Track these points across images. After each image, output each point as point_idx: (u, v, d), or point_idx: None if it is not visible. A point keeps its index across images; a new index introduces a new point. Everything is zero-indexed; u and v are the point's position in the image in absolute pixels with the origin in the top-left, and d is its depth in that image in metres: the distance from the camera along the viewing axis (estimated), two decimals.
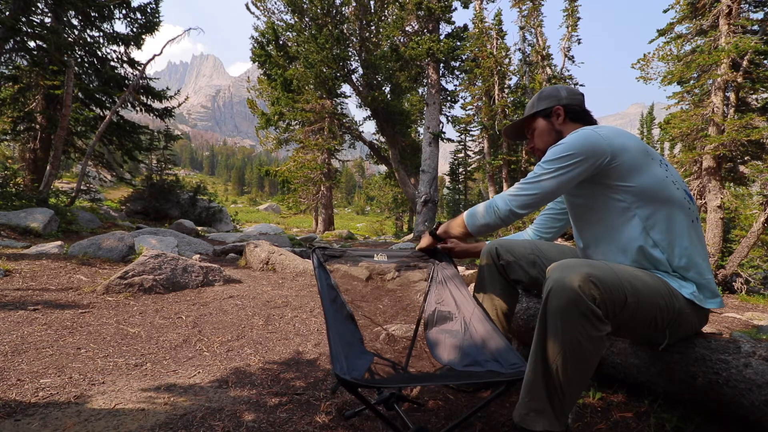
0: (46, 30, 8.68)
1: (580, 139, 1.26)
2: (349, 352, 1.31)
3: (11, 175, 7.27)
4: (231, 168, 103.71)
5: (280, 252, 4.93)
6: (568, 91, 1.53)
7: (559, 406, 1.09)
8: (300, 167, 17.76)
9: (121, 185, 12.67)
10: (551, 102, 1.50)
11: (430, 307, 1.72)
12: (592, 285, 1.06)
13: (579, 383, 1.10)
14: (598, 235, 1.38)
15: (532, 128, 1.55)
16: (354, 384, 1.04)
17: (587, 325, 1.06)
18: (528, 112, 1.56)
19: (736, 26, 8.34)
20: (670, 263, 1.25)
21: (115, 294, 3.00)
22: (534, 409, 1.11)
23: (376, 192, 36.16)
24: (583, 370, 1.09)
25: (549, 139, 1.50)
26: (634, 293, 1.12)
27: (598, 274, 1.08)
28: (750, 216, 7.11)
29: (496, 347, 1.35)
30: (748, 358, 1.19)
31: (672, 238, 1.24)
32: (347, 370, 1.15)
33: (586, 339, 1.06)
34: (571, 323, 1.06)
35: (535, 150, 1.56)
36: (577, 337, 1.06)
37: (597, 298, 1.06)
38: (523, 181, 1.34)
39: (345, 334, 1.39)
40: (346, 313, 1.52)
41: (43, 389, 1.53)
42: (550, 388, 1.09)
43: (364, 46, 15.52)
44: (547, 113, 1.51)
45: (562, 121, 1.49)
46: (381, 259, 1.70)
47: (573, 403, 1.13)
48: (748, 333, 2.92)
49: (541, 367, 1.10)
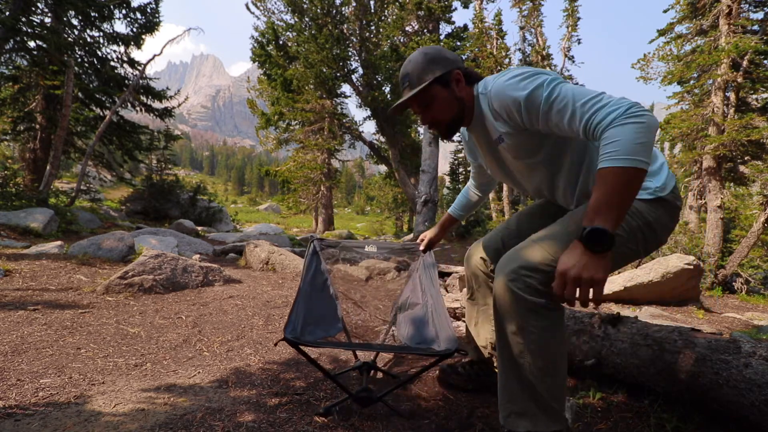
0: (46, 30, 8.69)
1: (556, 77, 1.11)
2: (314, 322, 1.63)
3: (11, 175, 7.26)
4: (231, 168, 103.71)
5: (280, 252, 4.92)
6: (449, 50, 1.37)
7: (544, 403, 1.08)
8: (300, 167, 17.76)
9: (121, 185, 12.68)
10: (447, 65, 1.26)
11: (406, 294, 1.96)
12: (526, 276, 1.06)
13: (555, 374, 1.09)
14: (566, 169, 1.29)
15: (427, 99, 1.27)
16: (295, 342, 1.24)
17: (536, 318, 1.06)
18: (419, 80, 1.25)
19: (736, 26, 8.34)
20: None
21: (115, 294, 3.00)
22: (514, 411, 1.11)
23: (376, 192, 36.14)
24: (552, 360, 1.08)
25: (451, 109, 1.29)
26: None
27: (530, 261, 1.07)
28: (750, 216, 7.11)
29: (443, 332, 1.50)
30: (748, 358, 1.19)
31: None
32: (299, 334, 1.40)
33: (541, 330, 1.06)
34: (521, 322, 1.07)
35: (433, 124, 1.31)
36: (532, 331, 1.06)
37: (538, 284, 1.05)
38: (596, 103, 1.01)
39: (315, 308, 1.70)
40: (327, 293, 1.83)
41: (43, 389, 1.53)
42: (526, 386, 1.08)
43: (364, 46, 15.51)
44: (445, 80, 1.26)
45: (463, 87, 1.28)
46: (371, 250, 1.95)
47: (560, 395, 1.10)
48: (748, 333, 2.92)
49: (510, 366, 1.11)
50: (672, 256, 3.98)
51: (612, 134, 0.96)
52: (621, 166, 0.93)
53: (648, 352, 1.44)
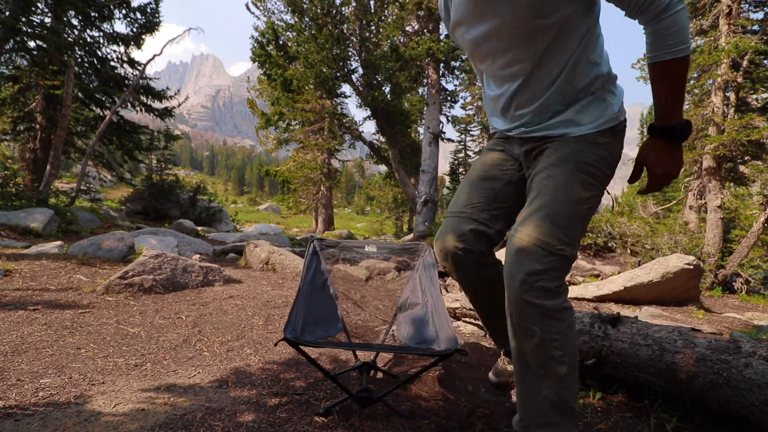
0: (46, 30, 8.69)
1: None
2: (314, 322, 1.62)
3: (11, 175, 7.26)
4: (231, 168, 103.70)
5: (280, 252, 4.93)
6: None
7: (567, 407, 1.03)
8: (300, 167, 17.76)
9: (121, 185, 12.67)
10: None
11: (406, 294, 1.96)
12: (536, 280, 1.01)
13: (576, 376, 1.06)
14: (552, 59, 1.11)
15: None
16: (295, 342, 1.25)
17: (557, 323, 1.02)
18: None
19: (736, 26, 8.34)
20: (609, 73, 1.16)
21: (115, 294, 3.00)
22: (535, 422, 1.05)
23: (376, 192, 36.10)
24: (574, 362, 1.06)
25: None
26: (589, 208, 1.08)
27: (535, 263, 1.02)
28: (750, 216, 7.11)
29: (443, 332, 1.50)
30: (748, 358, 1.19)
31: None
32: (298, 333, 1.39)
33: (563, 334, 1.03)
34: (542, 334, 1.02)
35: None
36: (555, 338, 1.02)
37: (551, 284, 1.02)
38: None
39: (315, 308, 1.70)
40: (327, 293, 1.84)
41: (43, 389, 1.53)
42: (548, 397, 1.03)
43: (364, 46, 15.50)
44: None
45: None
46: (371, 250, 1.89)
47: (577, 394, 1.08)
48: (748, 333, 2.92)
49: (532, 379, 1.05)
50: (672, 256, 3.98)
51: (673, 22, 0.94)
52: (686, 56, 0.96)
53: (648, 352, 1.44)
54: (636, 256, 6.53)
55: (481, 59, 1.22)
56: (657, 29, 0.96)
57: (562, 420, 1.04)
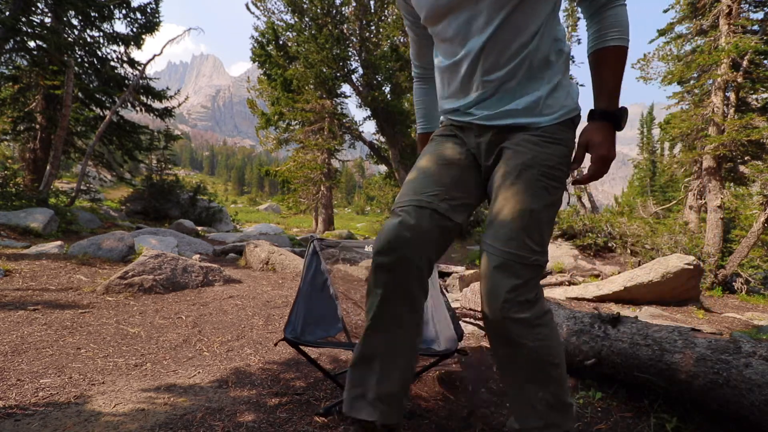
0: (46, 30, 8.69)
1: None
2: (314, 322, 1.64)
3: (11, 175, 7.27)
4: (231, 168, 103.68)
5: (280, 252, 4.93)
6: None
7: (563, 402, 1.05)
8: (300, 167, 17.75)
9: (121, 185, 12.68)
10: None
11: None
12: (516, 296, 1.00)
13: (565, 373, 1.07)
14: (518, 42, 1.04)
15: None
16: (295, 342, 1.29)
17: (540, 329, 1.02)
18: None
19: (736, 26, 8.34)
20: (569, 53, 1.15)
21: (115, 294, 3.00)
22: (535, 426, 1.05)
23: (376, 192, 36.06)
24: (563, 361, 1.07)
25: None
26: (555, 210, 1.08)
27: (512, 279, 1.00)
28: (750, 216, 7.10)
29: (443, 332, 1.53)
30: (748, 358, 1.19)
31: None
32: (298, 333, 1.43)
33: (549, 338, 1.03)
34: (530, 344, 1.02)
35: None
36: (543, 345, 1.02)
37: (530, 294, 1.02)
38: None
39: (315, 308, 1.72)
40: (327, 293, 1.85)
41: (43, 389, 1.53)
42: (544, 399, 1.04)
43: (364, 46, 15.50)
44: None
45: None
46: (371, 250, 1.87)
47: (568, 388, 1.10)
48: (748, 333, 2.92)
49: (528, 388, 1.05)
50: (672, 256, 3.98)
51: (616, 13, 1.04)
52: (626, 46, 1.04)
53: (648, 352, 1.44)
54: (636, 256, 6.53)
55: (440, 16, 1.08)
56: (604, 17, 1.05)
57: (562, 418, 1.05)
